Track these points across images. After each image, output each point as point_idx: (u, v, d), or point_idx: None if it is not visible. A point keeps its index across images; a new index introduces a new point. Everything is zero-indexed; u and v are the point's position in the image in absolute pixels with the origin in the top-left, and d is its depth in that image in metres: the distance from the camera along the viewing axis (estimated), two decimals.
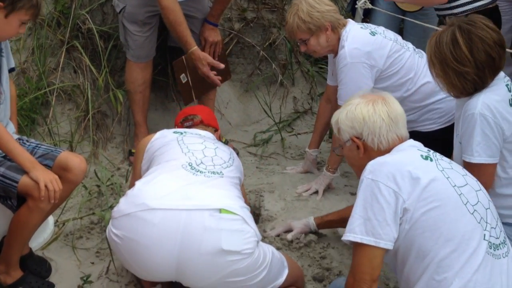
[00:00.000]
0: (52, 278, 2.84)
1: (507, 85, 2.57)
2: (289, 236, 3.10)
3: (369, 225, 2.10)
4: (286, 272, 2.62)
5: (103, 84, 3.92)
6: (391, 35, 3.42)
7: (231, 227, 2.36)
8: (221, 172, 2.60)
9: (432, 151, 2.28)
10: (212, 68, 4.00)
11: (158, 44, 3.92)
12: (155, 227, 2.33)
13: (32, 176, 2.50)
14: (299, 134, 4.41)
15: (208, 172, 2.57)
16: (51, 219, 3.06)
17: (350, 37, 3.30)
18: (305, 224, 3.13)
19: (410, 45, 3.47)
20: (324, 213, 3.39)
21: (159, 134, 2.83)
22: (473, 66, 2.43)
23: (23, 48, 3.80)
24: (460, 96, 2.59)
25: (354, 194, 3.65)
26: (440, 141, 3.28)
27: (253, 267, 2.42)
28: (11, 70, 2.75)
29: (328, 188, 3.60)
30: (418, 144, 2.32)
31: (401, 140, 2.29)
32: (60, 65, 3.87)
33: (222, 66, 3.74)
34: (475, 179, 2.28)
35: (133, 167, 2.97)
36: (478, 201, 2.18)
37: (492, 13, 3.63)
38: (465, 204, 2.14)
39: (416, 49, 3.48)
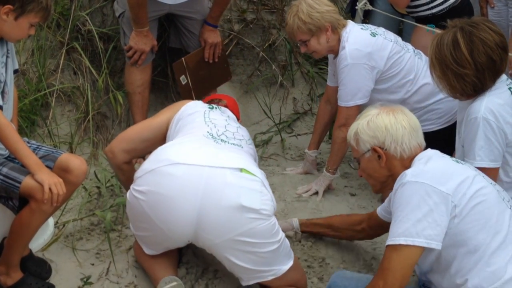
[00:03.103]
0: (52, 280, 2.84)
1: (510, 89, 2.57)
2: None
3: (419, 227, 2.08)
4: (291, 262, 2.65)
5: (103, 85, 3.92)
6: (391, 36, 3.43)
7: (250, 186, 2.48)
8: (240, 145, 2.75)
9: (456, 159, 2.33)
10: (212, 68, 4.01)
11: (157, 46, 3.91)
12: (178, 179, 2.44)
13: (37, 178, 2.50)
14: (299, 135, 4.41)
15: (229, 143, 2.71)
16: (51, 221, 3.06)
17: (351, 37, 3.30)
18: (289, 223, 3.11)
19: (409, 46, 3.48)
20: (324, 214, 3.40)
21: (193, 102, 3.01)
22: (473, 68, 2.43)
23: (23, 49, 3.80)
24: (459, 98, 2.59)
25: (354, 195, 3.66)
26: (440, 141, 3.29)
27: (268, 232, 2.51)
28: (15, 72, 2.76)
29: (328, 189, 3.60)
30: (438, 152, 2.34)
31: (421, 148, 2.32)
32: (60, 67, 3.87)
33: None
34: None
35: (152, 116, 3.10)
36: (510, 198, 2.27)
37: (465, 7, 3.65)
38: (503, 200, 2.21)
39: (416, 50, 3.48)
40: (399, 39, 3.49)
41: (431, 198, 2.09)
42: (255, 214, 2.45)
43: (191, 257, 2.93)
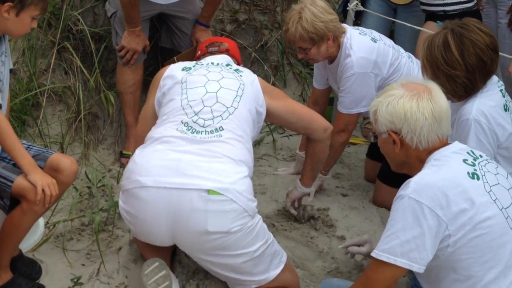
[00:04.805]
0: (43, 280, 2.82)
1: (501, 90, 2.58)
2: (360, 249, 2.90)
3: (406, 248, 2.01)
4: (279, 269, 2.63)
5: (94, 85, 3.91)
6: (388, 41, 3.42)
7: (218, 208, 2.43)
8: (220, 127, 2.59)
9: (478, 160, 2.14)
10: None
11: (149, 45, 3.91)
12: (149, 205, 2.48)
13: (30, 179, 2.49)
14: (290, 135, 4.41)
15: (205, 132, 2.58)
16: (41, 221, 3.05)
17: (355, 45, 3.26)
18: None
19: (401, 49, 3.47)
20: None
21: (168, 71, 2.86)
22: (463, 70, 2.43)
23: (14, 49, 3.78)
24: (451, 99, 2.59)
25: (345, 195, 3.66)
26: None
27: (241, 243, 2.48)
28: (10, 71, 2.76)
29: (320, 189, 3.60)
30: (463, 149, 2.17)
31: (442, 141, 2.14)
32: (51, 66, 3.85)
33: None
34: None
35: (146, 102, 2.98)
36: None
37: (476, 15, 3.68)
38: (511, 228, 2.08)
39: (406, 53, 3.47)
40: (393, 43, 3.48)
41: (426, 220, 1.99)
42: (224, 234, 2.44)
43: (183, 257, 2.93)
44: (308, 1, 3.22)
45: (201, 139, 2.56)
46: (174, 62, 3.83)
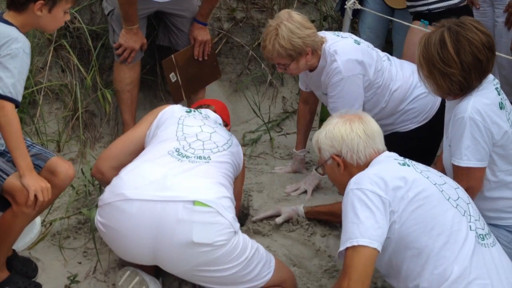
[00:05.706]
0: (39, 278, 2.82)
1: (496, 88, 2.58)
2: (278, 220, 3.20)
3: (362, 228, 2.18)
4: (269, 275, 2.62)
5: (91, 83, 3.90)
6: (369, 44, 3.39)
7: (203, 219, 2.42)
8: (208, 156, 2.67)
9: (408, 159, 2.41)
10: (202, 66, 4.01)
11: (147, 44, 3.90)
12: (132, 217, 2.44)
13: (23, 181, 2.49)
14: (288, 134, 4.41)
15: (194, 157, 2.64)
16: (38, 219, 3.05)
17: (339, 49, 3.20)
18: (293, 210, 3.24)
19: (380, 52, 3.43)
20: None
21: (170, 107, 2.96)
22: (459, 68, 2.43)
23: None
24: (447, 97, 2.60)
25: (342, 194, 3.65)
26: (419, 139, 3.31)
27: (226, 258, 2.47)
28: None
29: (317, 188, 3.60)
30: (394, 154, 2.45)
31: (378, 154, 2.42)
32: (48, 64, 3.85)
33: None
34: (451, 179, 2.41)
35: (132, 128, 3.07)
36: (459, 196, 2.32)
37: (464, 11, 3.66)
38: (447, 200, 2.26)
39: (384, 54, 3.43)
40: (372, 46, 3.44)
41: (372, 201, 2.20)
42: (209, 247, 2.42)
43: None
44: (285, 16, 3.14)
45: (188, 162, 2.62)
46: (171, 60, 3.84)
